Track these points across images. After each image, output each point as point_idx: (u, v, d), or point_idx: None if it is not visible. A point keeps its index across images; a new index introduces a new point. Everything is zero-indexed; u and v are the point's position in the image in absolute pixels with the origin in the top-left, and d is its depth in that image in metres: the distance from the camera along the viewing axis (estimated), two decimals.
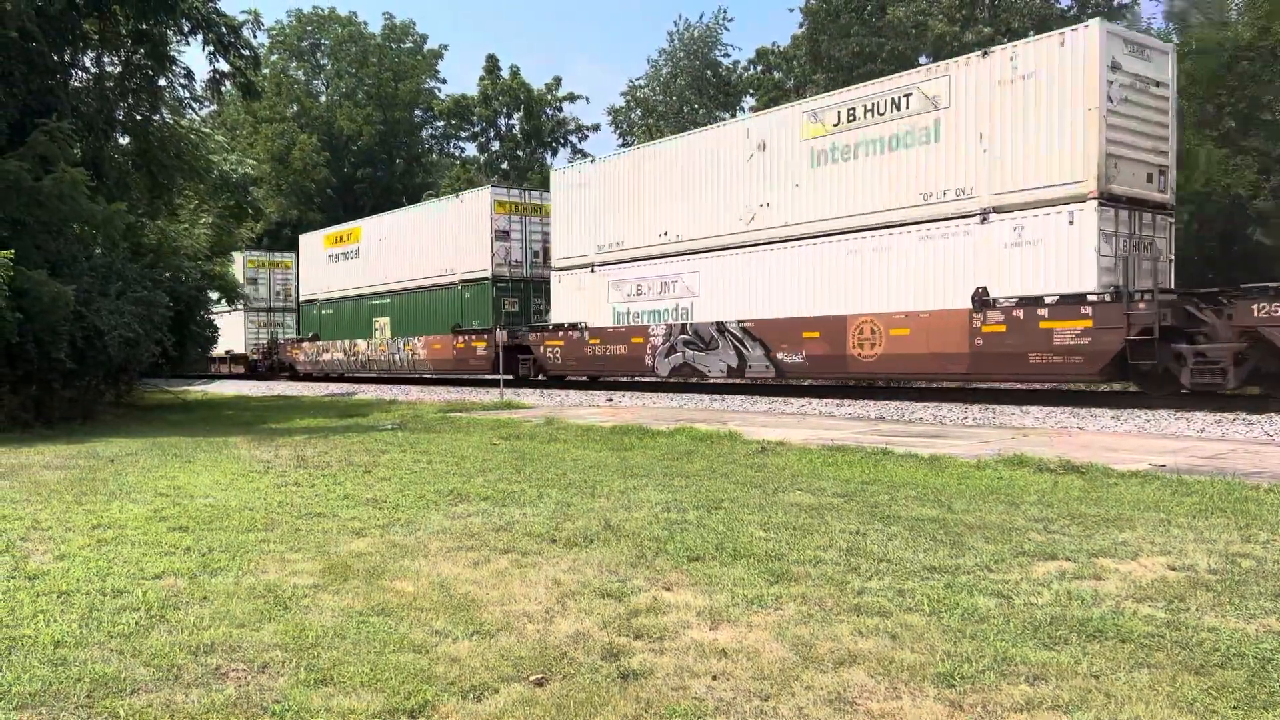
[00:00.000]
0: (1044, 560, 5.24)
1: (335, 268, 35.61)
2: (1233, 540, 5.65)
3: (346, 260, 35.06)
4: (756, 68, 49.04)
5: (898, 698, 3.40)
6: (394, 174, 61.70)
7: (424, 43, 65.21)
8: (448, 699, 3.44)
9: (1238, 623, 4.13)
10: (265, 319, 42.07)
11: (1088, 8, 35.48)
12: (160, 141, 20.55)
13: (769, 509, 6.85)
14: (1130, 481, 7.81)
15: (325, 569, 5.32)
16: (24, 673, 3.73)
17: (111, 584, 5.03)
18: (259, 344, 41.55)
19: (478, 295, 28.22)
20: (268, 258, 42.77)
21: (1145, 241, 15.68)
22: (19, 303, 14.54)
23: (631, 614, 4.38)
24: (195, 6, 19.11)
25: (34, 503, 7.73)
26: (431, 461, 10.03)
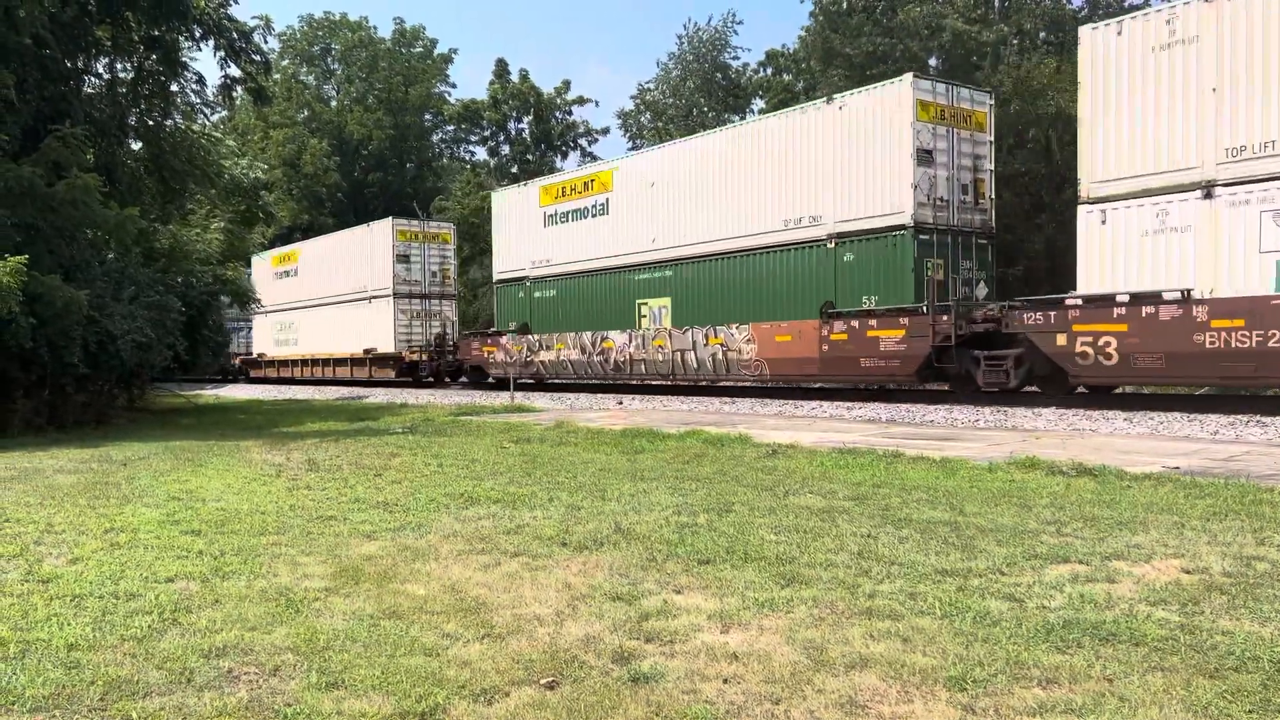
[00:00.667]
0: (1057, 563, 5.21)
1: (562, 231, 26.57)
2: (1247, 543, 5.61)
3: (584, 220, 25.74)
4: (766, 70, 49.03)
5: (910, 701, 3.39)
6: (404, 178, 61.89)
7: (434, 47, 65.47)
8: (458, 702, 3.44)
9: (1252, 626, 4.10)
10: (422, 308, 33.80)
11: (1099, 9, 35.37)
12: (172, 146, 20.68)
13: (780, 512, 6.84)
14: (1143, 484, 7.76)
15: (336, 572, 5.33)
16: (38, 676, 3.75)
17: (124, 587, 5.05)
18: (414, 339, 33.39)
19: (878, 255, 18.59)
20: (422, 228, 35.01)
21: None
22: (33, 307, 14.63)
23: (642, 617, 4.37)
24: (207, 13, 19.24)
25: (48, 506, 7.77)
26: (442, 465, 10.04)
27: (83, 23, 18.41)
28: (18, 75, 16.40)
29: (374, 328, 34.07)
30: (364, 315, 34.94)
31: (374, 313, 34.37)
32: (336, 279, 36.98)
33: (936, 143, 18.15)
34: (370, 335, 34.29)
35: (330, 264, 37.72)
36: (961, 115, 18.54)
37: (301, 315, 39.70)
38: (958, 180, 18.44)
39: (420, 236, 34.39)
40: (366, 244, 35.27)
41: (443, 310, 34.57)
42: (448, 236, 35.58)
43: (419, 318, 33.82)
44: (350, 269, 36.09)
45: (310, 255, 39.90)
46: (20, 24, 15.73)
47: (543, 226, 27.32)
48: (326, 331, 37.55)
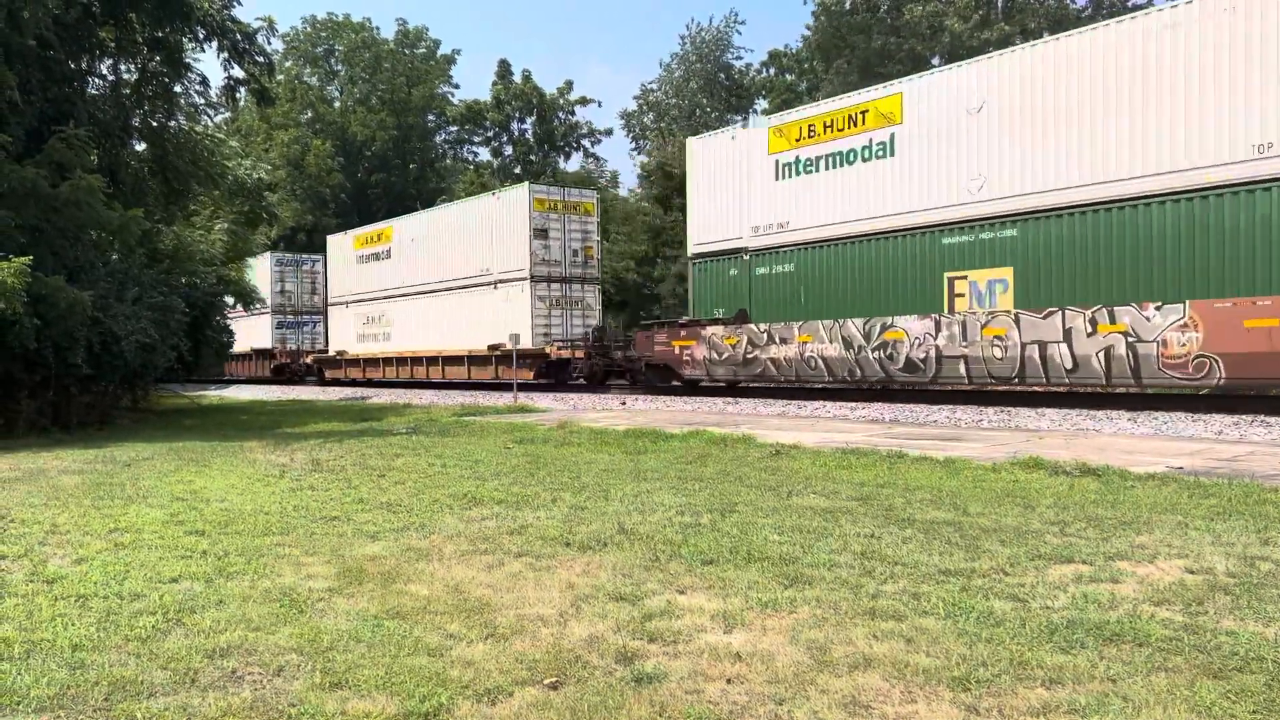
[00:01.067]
0: (1060, 563, 5.21)
1: (808, 184, 20.07)
2: (1251, 543, 5.60)
3: (847, 167, 19.40)
4: (769, 70, 49.04)
5: (913, 702, 3.39)
6: (408, 179, 61.97)
7: (436, 48, 65.56)
8: (462, 702, 3.45)
9: (1256, 626, 4.10)
10: (561, 294, 28.44)
11: (1102, 8, 35.34)
12: (176, 147, 20.70)
13: (783, 512, 6.84)
14: (1147, 484, 7.76)
15: (340, 572, 5.34)
16: (42, 676, 3.76)
17: (129, 588, 5.06)
18: (553, 331, 28.00)
19: None
20: (562, 196, 29.09)
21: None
22: (36, 308, 14.65)
23: (645, 617, 4.38)
24: (210, 14, 19.25)
25: (52, 507, 7.79)
26: (446, 465, 10.05)
27: (86, 24, 18.44)
28: (21, 76, 16.43)
29: (503, 319, 27.99)
30: (488, 304, 29.09)
31: (502, 301, 28.56)
32: (448, 261, 30.91)
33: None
34: (497, 328, 27.97)
35: (439, 243, 31.53)
36: None
37: (397, 305, 33.66)
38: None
39: (560, 206, 28.38)
40: (493, 216, 29.17)
41: (585, 297, 28.81)
42: (590, 207, 29.22)
43: (558, 306, 28.19)
44: (469, 248, 29.99)
45: (409, 233, 33.44)
46: (24, 25, 15.76)
47: (774, 180, 20.62)
48: (432, 324, 31.57)
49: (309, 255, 44.01)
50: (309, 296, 42.20)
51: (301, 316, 42.02)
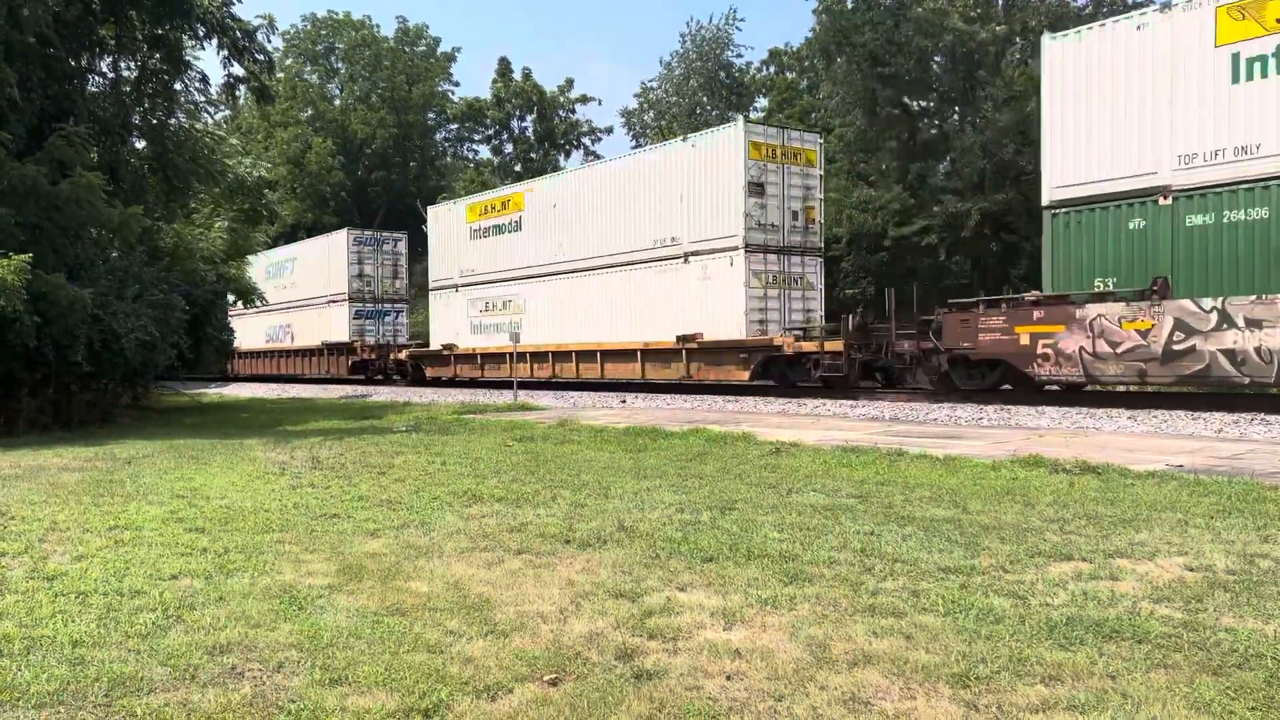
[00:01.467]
0: (1060, 561, 5.21)
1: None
2: (1251, 541, 5.60)
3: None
4: (769, 68, 49.02)
5: (912, 698, 3.39)
6: (408, 177, 61.95)
7: (437, 46, 65.51)
8: (462, 699, 3.45)
9: (1256, 623, 4.10)
10: (780, 269, 21.34)
11: (1103, 6, 35.31)
12: (176, 145, 20.69)
13: (783, 510, 6.84)
14: (1147, 482, 7.76)
15: (340, 570, 5.34)
16: (43, 672, 3.76)
17: (129, 584, 5.06)
18: (768, 317, 21.38)
19: None
20: (780, 140, 21.65)
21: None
22: (37, 306, 14.65)
23: (645, 614, 4.38)
24: (210, 11, 19.24)
25: (52, 504, 7.79)
26: (446, 463, 10.06)
27: (87, 21, 18.43)
28: (21, 74, 16.42)
29: (700, 302, 21.84)
30: (676, 283, 22.49)
31: (697, 279, 21.76)
32: (611, 230, 24.27)
33: None
34: (689, 314, 22.01)
35: (597, 208, 24.80)
36: None
37: (531, 289, 27.05)
38: None
39: (779, 154, 21.37)
40: (684, 169, 22.20)
41: (806, 273, 21.96)
42: (813, 156, 21.99)
43: (775, 284, 21.27)
44: (646, 212, 23.17)
45: (550, 197, 26.63)
46: (24, 23, 15.75)
47: (1228, 81, 14.20)
48: (585, 311, 25.08)
49: (390, 233, 38.34)
50: (391, 282, 36.42)
51: (383, 305, 36.01)
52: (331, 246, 36.92)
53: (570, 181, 26.79)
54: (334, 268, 36.49)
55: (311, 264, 38.37)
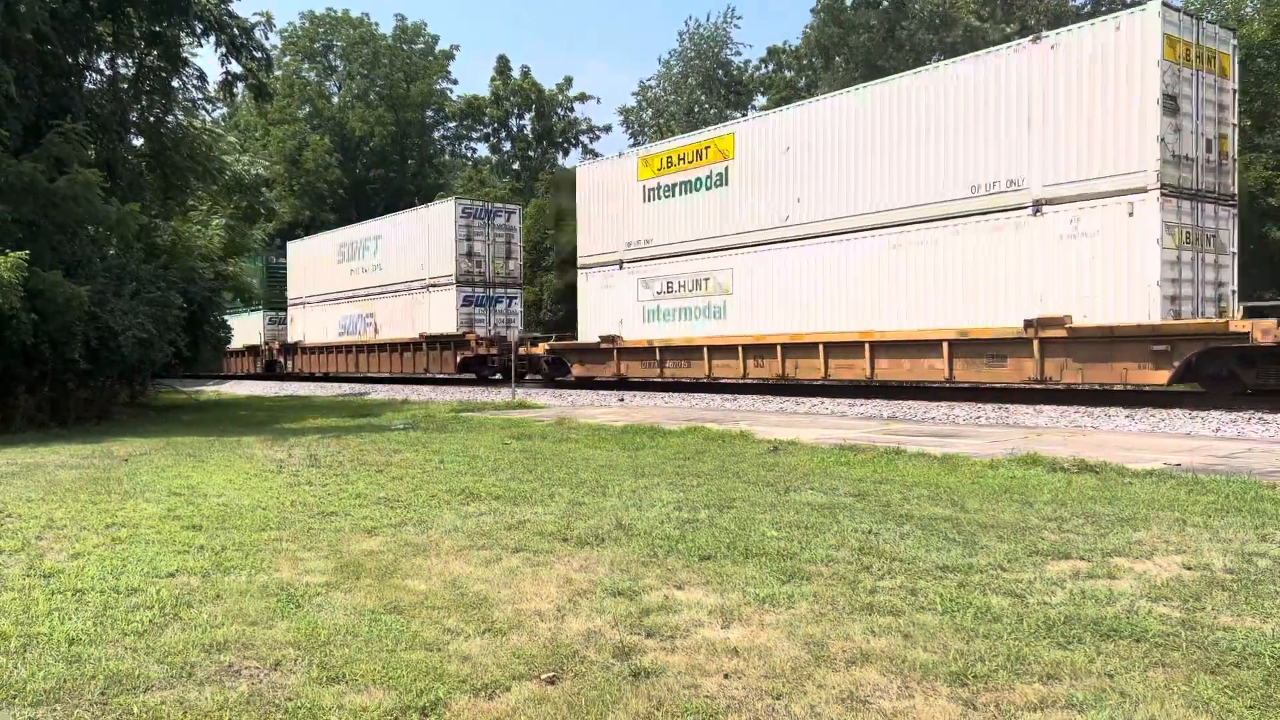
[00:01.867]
0: (1058, 559, 5.21)
1: None
2: (1249, 539, 5.61)
3: None
4: (768, 67, 49.02)
5: (910, 697, 3.39)
6: (406, 174, 61.92)
7: (435, 44, 65.47)
8: (459, 697, 3.44)
9: (1254, 622, 4.10)
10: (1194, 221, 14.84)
11: (1100, 5, 35.33)
12: (173, 143, 20.69)
13: (781, 508, 6.84)
14: (1145, 481, 7.76)
15: (338, 567, 5.34)
16: (39, 670, 3.75)
17: (125, 582, 5.05)
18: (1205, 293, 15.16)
19: None
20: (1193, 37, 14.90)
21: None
22: (34, 304, 14.63)
23: (643, 612, 4.37)
24: (208, 9, 19.23)
25: (49, 502, 7.78)
26: (443, 461, 10.05)
27: (84, 18, 18.40)
28: (19, 71, 16.40)
29: (1068, 272, 15.43)
30: (1018, 244, 16.06)
31: (1060, 236, 15.47)
32: (895, 178, 17.94)
33: None
34: (1046, 288, 15.65)
35: (867, 147, 18.53)
36: None
37: (747, 261, 20.98)
38: None
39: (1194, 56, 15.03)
40: (1039, 76, 15.77)
41: (1218, 230, 15.44)
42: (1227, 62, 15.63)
43: (1191, 245, 14.94)
44: (959, 148, 16.89)
45: (777, 137, 20.39)
46: (21, 19, 15.72)
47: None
48: (844, 288, 18.88)
49: (503, 204, 33.31)
50: (504, 262, 31.26)
51: (494, 290, 30.71)
52: (432, 221, 31.30)
53: (814, 115, 19.73)
54: (436, 246, 30.87)
55: (402, 242, 32.85)
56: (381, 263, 34.05)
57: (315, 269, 38.56)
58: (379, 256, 34.28)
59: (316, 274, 38.33)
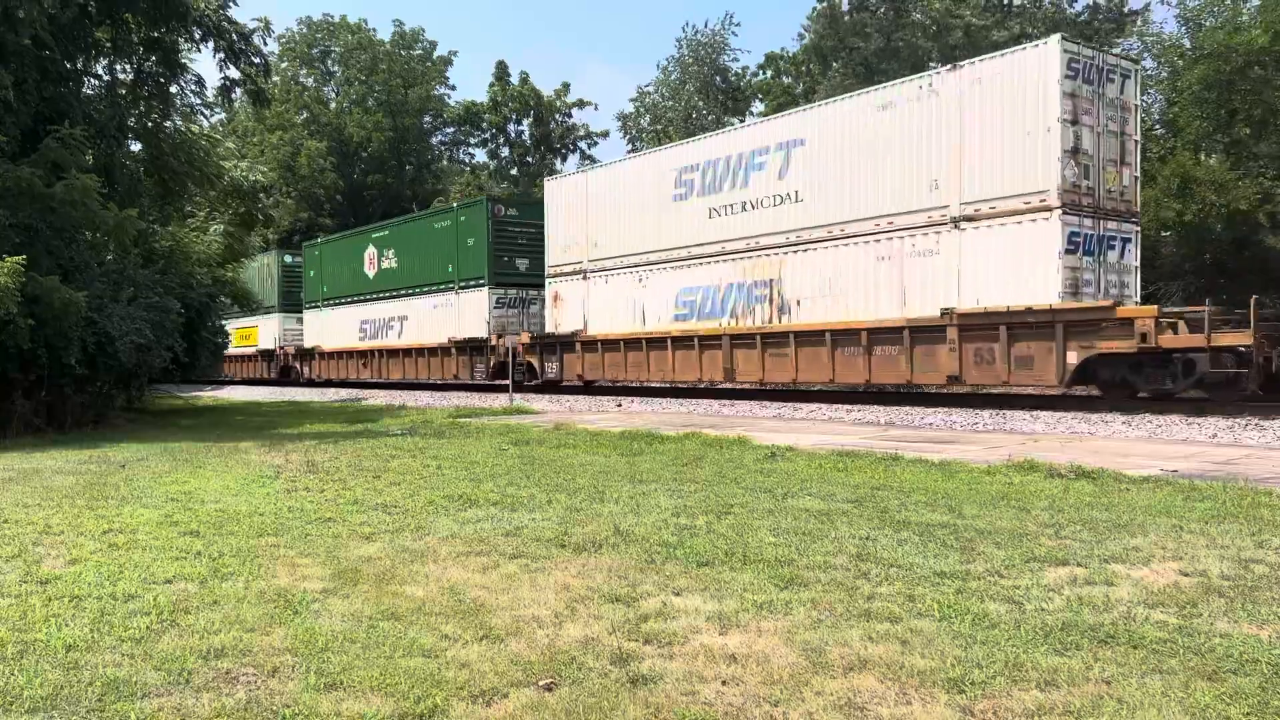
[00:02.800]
0: (1055, 566, 5.22)
1: None
2: (1245, 546, 5.61)
3: None
4: (766, 73, 49.08)
5: (908, 703, 3.39)
6: (404, 180, 61.94)
7: (433, 50, 65.51)
8: (457, 703, 3.44)
9: (1251, 629, 4.10)
10: None
11: (1099, 13, 35.44)
12: (171, 148, 20.69)
13: (779, 514, 6.84)
14: (1142, 487, 7.77)
15: (335, 574, 5.33)
16: (35, 676, 3.74)
17: (122, 588, 5.04)
18: None
19: None
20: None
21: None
22: (31, 309, 14.62)
23: (641, 619, 4.37)
24: (206, 14, 19.26)
25: (46, 508, 7.76)
26: (441, 467, 10.04)
27: (82, 24, 18.41)
28: (17, 76, 16.40)
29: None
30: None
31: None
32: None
33: None
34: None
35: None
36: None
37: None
38: None
39: None
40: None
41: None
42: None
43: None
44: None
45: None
46: (19, 25, 15.74)
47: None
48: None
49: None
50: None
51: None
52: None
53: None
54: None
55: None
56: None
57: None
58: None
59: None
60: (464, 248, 28.40)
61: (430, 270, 30.03)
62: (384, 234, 33.11)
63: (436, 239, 29.85)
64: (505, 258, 27.80)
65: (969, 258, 16.50)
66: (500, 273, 27.63)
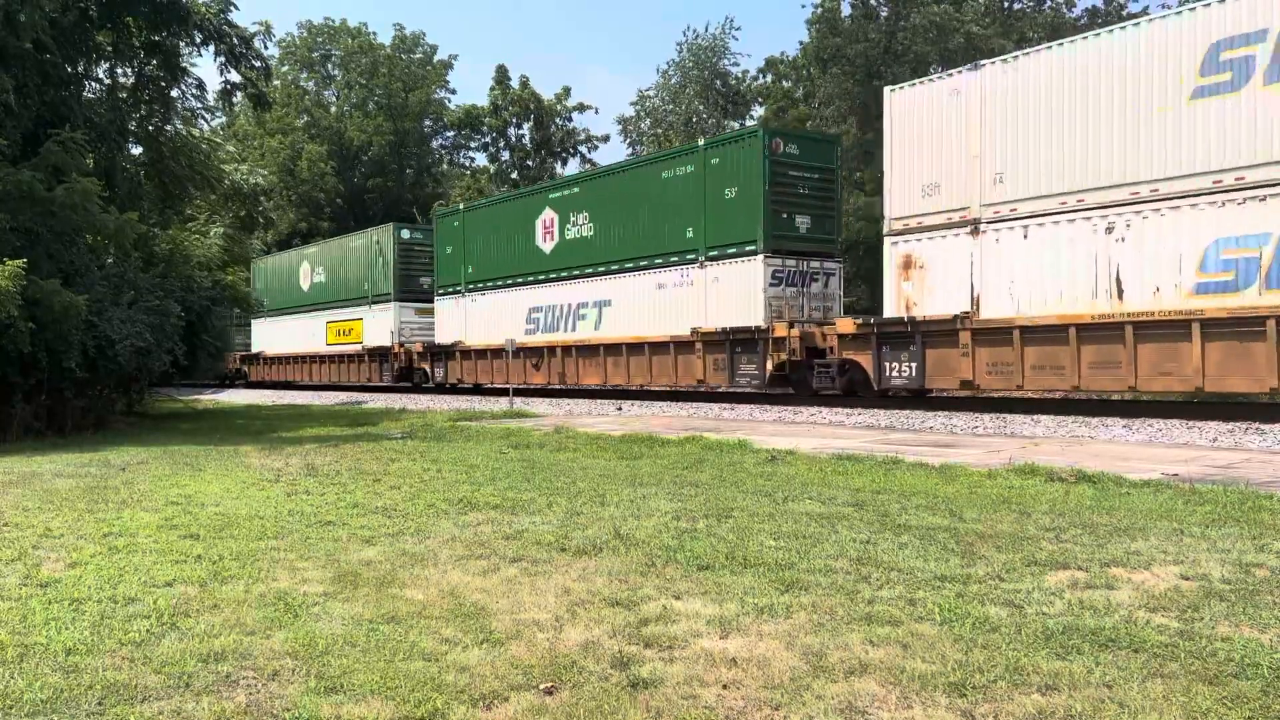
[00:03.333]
0: (1056, 569, 5.21)
1: None
2: (1246, 550, 5.61)
3: None
4: (766, 77, 49.12)
5: (909, 707, 3.38)
6: (404, 184, 61.95)
7: (434, 53, 65.57)
8: (458, 707, 3.44)
9: (1252, 632, 4.10)
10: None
11: (1098, 17, 35.51)
12: (172, 151, 20.73)
13: (779, 518, 6.83)
14: (1143, 491, 7.76)
15: (335, 577, 5.33)
16: (36, 680, 3.74)
17: (123, 592, 5.04)
18: None
19: None
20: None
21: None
22: (32, 312, 14.63)
23: (641, 623, 4.37)
24: (207, 19, 19.30)
25: (46, 511, 7.76)
26: (441, 470, 10.04)
27: (83, 28, 18.45)
28: (18, 80, 16.43)
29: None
30: None
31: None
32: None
33: None
34: None
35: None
36: None
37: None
38: None
39: None
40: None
41: None
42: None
43: None
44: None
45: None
46: (21, 29, 15.76)
47: None
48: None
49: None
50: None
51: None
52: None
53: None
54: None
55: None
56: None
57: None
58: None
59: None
60: (719, 202, 20.74)
61: (650, 238, 22.34)
62: (569, 192, 25.14)
63: (666, 192, 21.99)
64: (785, 214, 20.18)
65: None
66: (779, 235, 20.01)
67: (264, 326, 39.40)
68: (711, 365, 21.15)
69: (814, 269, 20.63)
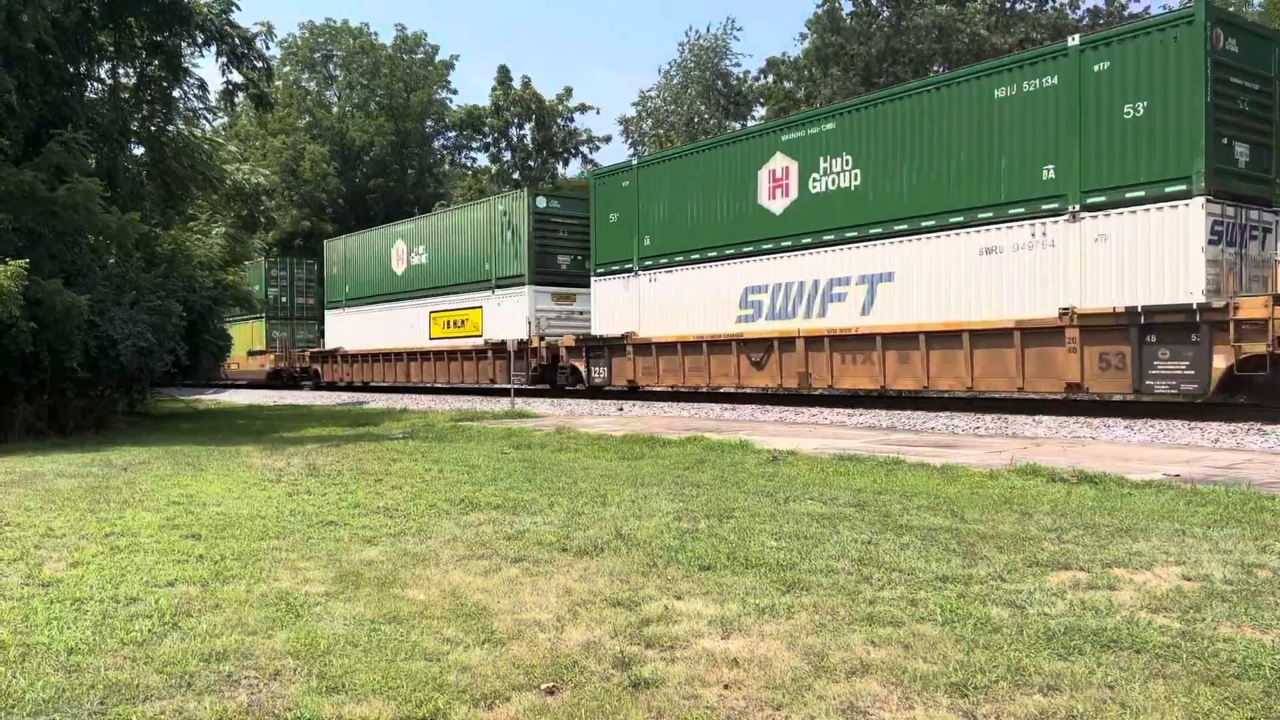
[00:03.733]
0: (1057, 570, 5.21)
1: None
2: (1248, 550, 5.60)
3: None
4: (767, 77, 49.14)
5: (910, 708, 3.38)
6: (405, 184, 61.97)
7: (435, 54, 65.60)
8: (459, 707, 3.44)
9: (1254, 633, 4.10)
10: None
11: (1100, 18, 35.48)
12: (174, 152, 20.73)
13: (780, 518, 6.83)
14: (1144, 491, 7.76)
15: (337, 577, 5.33)
16: (37, 680, 3.74)
17: (124, 591, 5.04)
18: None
19: None
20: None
21: None
22: (34, 312, 14.64)
23: (643, 623, 4.37)
24: (209, 19, 19.31)
25: (48, 511, 7.77)
26: (443, 470, 10.04)
27: (85, 28, 18.46)
28: (20, 80, 16.43)
29: None
30: None
31: None
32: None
33: None
34: None
35: None
36: None
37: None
38: None
39: None
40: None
41: None
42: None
43: None
44: None
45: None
46: (23, 29, 15.77)
47: None
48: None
49: None
50: None
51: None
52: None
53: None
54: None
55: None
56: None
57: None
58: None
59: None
60: (1110, 125, 14.56)
61: (969, 183, 16.28)
62: (818, 130, 19.02)
63: (1001, 118, 15.87)
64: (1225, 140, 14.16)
65: None
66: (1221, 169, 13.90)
67: (342, 318, 34.42)
68: (1094, 363, 14.69)
69: (1252, 220, 14.40)
